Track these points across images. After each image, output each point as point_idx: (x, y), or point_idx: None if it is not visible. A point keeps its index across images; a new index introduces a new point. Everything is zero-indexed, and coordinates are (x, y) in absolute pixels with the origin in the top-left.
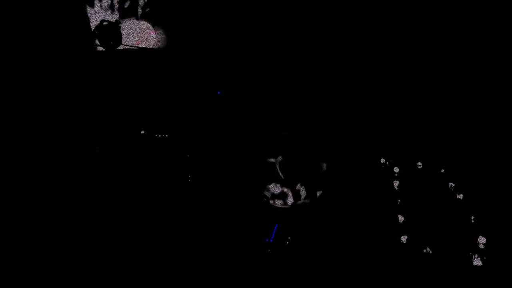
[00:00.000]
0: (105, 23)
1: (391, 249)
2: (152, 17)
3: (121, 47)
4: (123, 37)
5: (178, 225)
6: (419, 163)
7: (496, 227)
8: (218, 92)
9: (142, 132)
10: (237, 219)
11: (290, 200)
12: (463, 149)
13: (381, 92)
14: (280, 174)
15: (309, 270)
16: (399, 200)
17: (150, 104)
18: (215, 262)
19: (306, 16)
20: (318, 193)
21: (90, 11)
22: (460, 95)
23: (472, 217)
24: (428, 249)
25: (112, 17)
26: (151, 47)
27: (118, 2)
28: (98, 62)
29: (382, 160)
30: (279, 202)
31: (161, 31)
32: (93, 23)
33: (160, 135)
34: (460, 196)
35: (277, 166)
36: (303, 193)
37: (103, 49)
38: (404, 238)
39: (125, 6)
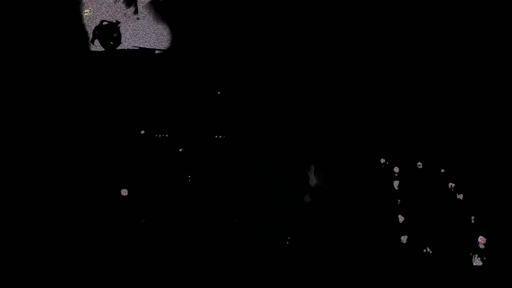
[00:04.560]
0: (105, 23)
1: (391, 249)
2: (152, 17)
3: (121, 47)
4: (123, 37)
5: (178, 225)
6: (419, 163)
7: (496, 227)
8: (218, 92)
9: (142, 132)
10: (236, 219)
11: (290, 200)
12: (463, 149)
13: (381, 92)
14: (281, 174)
15: (309, 270)
16: (399, 200)
17: (150, 104)
18: (215, 262)
19: (306, 16)
20: (318, 193)
21: (90, 11)
22: (460, 95)
23: (472, 217)
24: (428, 249)
25: (112, 17)
26: (151, 47)
27: (118, 2)
28: (98, 62)
29: (382, 160)
30: (279, 202)
31: (161, 31)
32: (93, 23)
33: (160, 135)
34: (460, 196)
35: (278, 166)
36: (303, 192)
37: (103, 49)
38: (404, 238)
39: (125, 6)
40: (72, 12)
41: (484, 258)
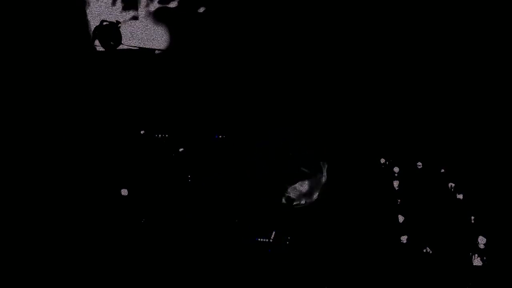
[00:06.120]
0: (105, 23)
1: (391, 249)
2: (152, 17)
3: (121, 47)
4: (123, 37)
5: (178, 225)
6: (419, 163)
7: (496, 227)
8: (218, 92)
9: (142, 132)
10: (236, 220)
11: (290, 200)
12: (463, 149)
13: (380, 92)
14: (280, 174)
15: (309, 270)
16: (399, 200)
17: (150, 104)
18: (214, 262)
19: (306, 16)
20: (318, 193)
21: (90, 11)
22: (460, 95)
23: (472, 217)
24: (428, 249)
25: (112, 17)
26: (151, 47)
27: (118, 2)
28: (98, 62)
29: (382, 160)
30: (279, 202)
31: (161, 31)
32: (93, 23)
33: (160, 135)
34: (460, 196)
35: (277, 166)
36: (303, 192)
37: (103, 49)
38: (404, 238)
39: (125, 6)
40: (72, 12)
41: (484, 258)
